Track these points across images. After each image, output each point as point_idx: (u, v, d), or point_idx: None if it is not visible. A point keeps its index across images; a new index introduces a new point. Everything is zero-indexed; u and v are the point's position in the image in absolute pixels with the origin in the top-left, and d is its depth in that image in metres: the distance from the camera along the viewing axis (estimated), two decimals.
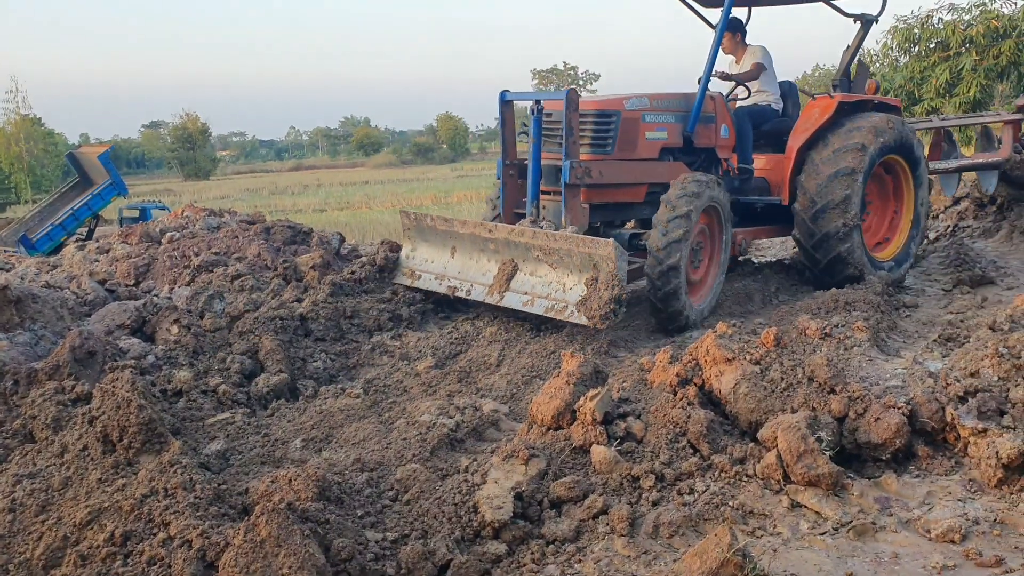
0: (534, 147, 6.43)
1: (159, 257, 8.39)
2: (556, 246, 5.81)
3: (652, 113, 6.78)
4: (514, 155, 6.91)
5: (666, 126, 6.85)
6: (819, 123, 7.22)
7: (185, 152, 73.22)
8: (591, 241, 5.64)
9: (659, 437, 3.72)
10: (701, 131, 7.03)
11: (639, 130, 6.67)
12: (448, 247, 6.76)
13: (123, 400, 3.72)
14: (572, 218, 6.25)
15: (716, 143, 7.19)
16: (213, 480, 3.57)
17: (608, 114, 6.57)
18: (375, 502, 3.55)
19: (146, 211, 23.02)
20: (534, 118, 6.42)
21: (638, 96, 6.79)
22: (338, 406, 4.79)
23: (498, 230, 6.26)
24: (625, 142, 6.61)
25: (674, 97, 7.01)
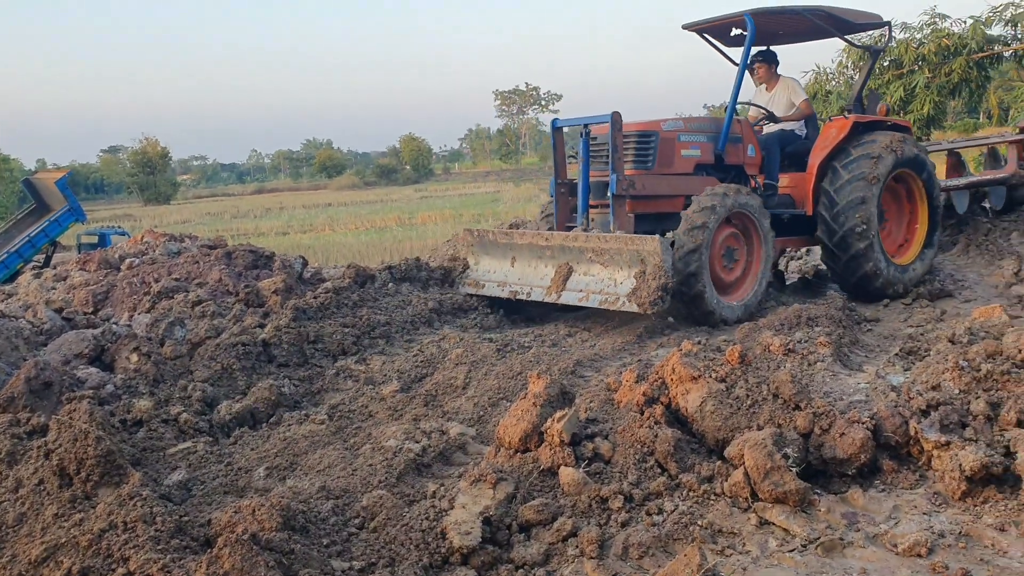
0: (583, 165, 7.34)
1: (118, 284, 8.25)
2: (607, 246, 6.71)
3: (686, 133, 7.64)
4: (564, 175, 7.88)
5: (699, 145, 7.70)
6: (837, 140, 7.93)
7: (145, 177, 72.50)
8: (638, 239, 6.50)
9: (627, 457, 3.70)
10: (730, 150, 7.84)
11: (675, 148, 7.53)
12: (508, 257, 7.67)
13: (80, 432, 3.63)
14: (619, 225, 7.05)
15: (744, 161, 8.00)
16: (175, 512, 3.48)
17: (648, 134, 7.45)
18: (341, 530, 3.49)
19: (105, 237, 22.70)
20: (582, 140, 7.36)
21: (673, 119, 7.75)
22: (302, 432, 4.72)
23: (553, 238, 7.20)
24: (664, 159, 7.48)
25: (704, 120, 8.05)
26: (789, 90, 8.58)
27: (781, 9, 7.85)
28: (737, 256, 7.28)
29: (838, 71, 20.56)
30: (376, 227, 33.24)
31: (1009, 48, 17.56)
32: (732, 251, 7.23)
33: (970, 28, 17.46)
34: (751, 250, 7.37)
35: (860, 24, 8.58)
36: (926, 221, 8.26)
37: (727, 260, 7.19)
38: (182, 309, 7.07)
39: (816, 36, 9.02)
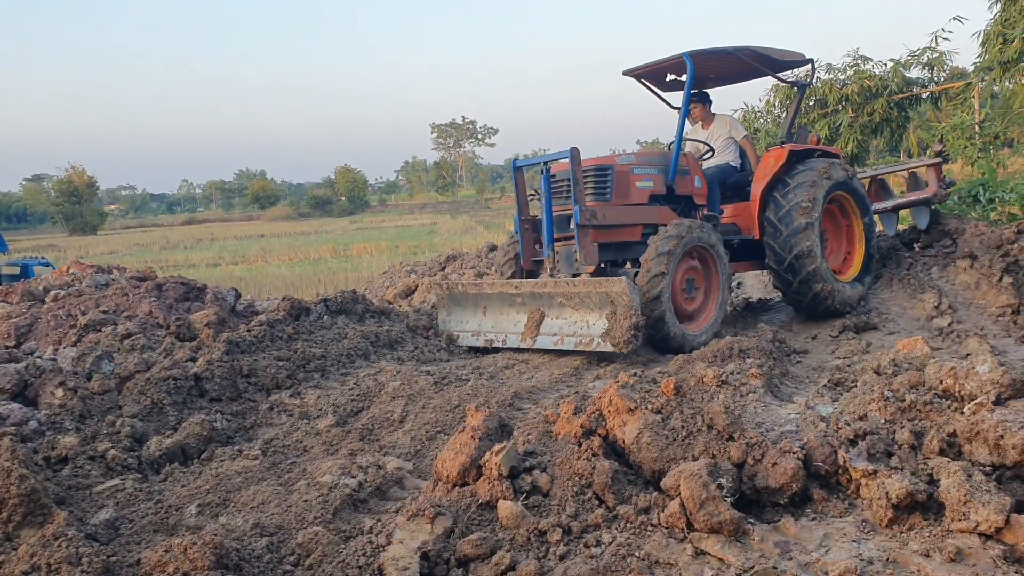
0: (546, 201, 7.60)
1: (43, 316, 8.01)
2: (576, 291, 6.99)
3: (639, 167, 8.11)
4: (527, 212, 8.27)
5: (651, 177, 8.18)
6: (775, 169, 8.48)
7: (70, 206, 70.64)
8: (606, 281, 6.77)
9: (565, 490, 3.72)
10: (680, 181, 8.33)
11: (630, 180, 8.00)
12: (480, 307, 7.93)
13: (2, 470, 3.51)
14: (585, 255, 7.40)
15: (692, 191, 8.49)
16: (102, 552, 3.37)
17: (604, 168, 7.91)
18: (276, 568, 3.43)
19: (28, 268, 22.00)
20: (543, 177, 7.65)
21: (626, 154, 8.23)
22: (235, 468, 4.63)
23: (523, 285, 7.47)
24: (620, 190, 7.91)
25: (654, 154, 8.47)
26: (727, 126, 9.16)
27: (715, 50, 8.28)
28: (697, 287, 7.70)
29: (766, 109, 21.21)
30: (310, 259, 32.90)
31: (926, 90, 18.33)
32: (692, 283, 7.65)
33: (891, 70, 18.19)
34: (710, 282, 7.79)
35: (786, 62, 9.06)
36: (863, 240, 8.91)
37: (688, 291, 7.60)
38: (110, 342, 6.89)
39: (747, 77, 9.54)
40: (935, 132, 19.38)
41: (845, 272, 8.86)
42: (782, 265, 8.17)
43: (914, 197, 10.19)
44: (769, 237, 8.28)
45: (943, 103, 18.63)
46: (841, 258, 9.02)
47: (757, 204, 8.54)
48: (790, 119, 9.65)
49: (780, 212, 8.19)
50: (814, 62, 9.38)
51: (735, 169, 9.15)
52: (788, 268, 8.14)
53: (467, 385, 5.97)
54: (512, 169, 8.43)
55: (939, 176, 10.08)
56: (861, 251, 8.92)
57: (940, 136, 16.92)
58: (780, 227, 8.15)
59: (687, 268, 7.55)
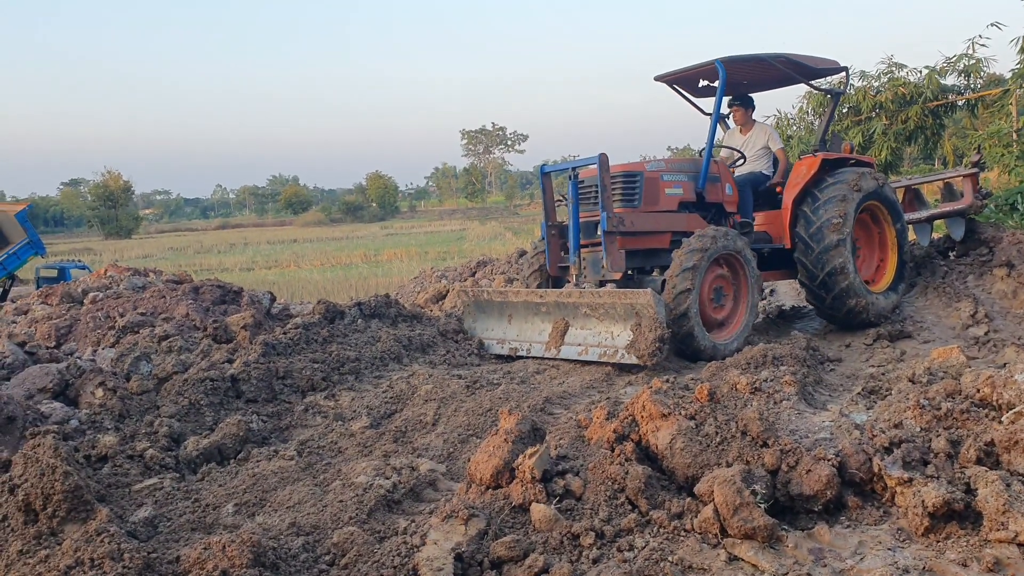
0: (573, 207, 7.55)
1: (82, 318, 8.16)
2: (601, 301, 6.89)
3: (668, 173, 8.02)
4: (554, 218, 8.21)
5: (681, 184, 8.07)
6: (808, 177, 8.40)
7: (106, 210, 71.65)
8: (631, 293, 6.67)
9: (598, 494, 3.73)
10: (710, 189, 8.22)
11: (659, 187, 7.90)
12: (505, 315, 7.89)
13: (47, 467, 3.59)
14: (612, 262, 7.33)
15: (723, 199, 8.37)
16: (142, 549, 3.44)
17: (633, 175, 7.81)
18: (312, 567, 3.47)
19: (65, 271, 22.35)
20: (571, 183, 7.55)
21: (656, 160, 8.17)
22: (271, 469, 4.69)
23: (548, 295, 7.37)
24: (649, 197, 7.82)
25: (684, 161, 8.43)
26: (766, 135, 9.05)
27: (748, 57, 8.23)
28: (725, 294, 7.59)
29: (798, 116, 21.08)
30: (342, 264, 33.15)
31: (962, 97, 18.12)
32: (720, 291, 7.54)
33: (926, 77, 18.00)
34: (739, 288, 7.67)
35: (820, 69, 8.96)
36: (895, 247, 8.81)
37: (716, 300, 7.50)
38: (148, 344, 7.01)
39: (780, 84, 9.46)
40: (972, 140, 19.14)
41: (879, 281, 8.75)
42: (815, 282, 8.10)
43: (949, 208, 10.05)
44: (800, 254, 8.19)
45: (980, 110, 18.38)
46: (874, 266, 8.92)
47: (788, 213, 8.46)
48: (824, 127, 9.59)
49: (811, 229, 8.10)
50: (848, 70, 9.28)
51: (767, 177, 9.07)
52: (821, 285, 8.06)
53: (498, 389, 6.00)
54: (540, 174, 8.44)
55: (975, 186, 9.92)
56: (894, 259, 8.82)
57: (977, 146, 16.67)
58: (812, 244, 8.07)
59: (715, 277, 7.47)
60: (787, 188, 8.57)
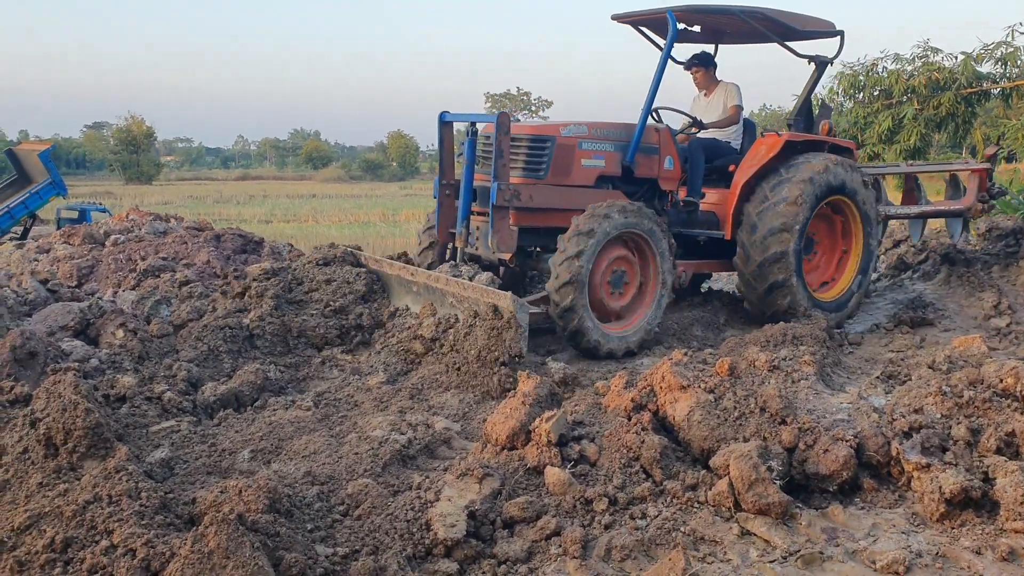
0: (466, 168, 6.60)
1: (103, 260, 8.20)
2: (466, 295, 5.81)
3: (590, 141, 6.88)
4: (451, 175, 7.08)
5: (604, 154, 6.96)
6: (764, 160, 7.32)
7: (128, 155, 71.74)
8: (494, 293, 5.59)
9: (613, 461, 3.74)
10: (642, 161, 7.13)
11: (574, 157, 6.78)
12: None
13: (69, 403, 3.62)
14: (500, 240, 6.41)
15: (659, 174, 7.28)
16: (159, 489, 3.47)
17: (543, 139, 6.68)
18: (326, 516, 3.50)
19: (86, 213, 22.45)
20: (468, 140, 6.60)
21: (576, 123, 6.90)
22: (287, 418, 4.72)
23: (418, 274, 6.36)
24: (559, 167, 6.73)
25: (615, 127, 7.10)
26: (732, 98, 7.87)
27: (712, 8, 7.16)
28: (627, 280, 6.63)
29: (828, 97, 20.81)
30: (360, 221, 33.14)
31: (997, 86, 17.83)
32: (622, 276, 6.58)
33: (961, 63, 17.70)
34: (647, 272, 6.71)
35: (807, 32, 7.77)
36: (859, 256, 7.71)
37: (614, 285, 6.54)
38: (168, 288, 7.04)
39: (753, 40, 8.27)
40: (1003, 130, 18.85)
41: (832, 287, 7.71)
42: (749, 267, 7.09)
43: (944, 207, 8.99)
44: (743, 232, 7.15)
45: (1014, 100, 18.08)
46: (831, 269, 7.84)
47: (735, 197, 7.30)
48: (802, 98, 8.23)
49: (760, 207, 7.08)
50: (843, 35, 7.92)
51: (731, 150, 7.84)
52: (756, 272, 7.06)
53: None
54: (439, 123, 7.07)
55: (983, 184, 8.78)
56: (854, 266, 7.72)
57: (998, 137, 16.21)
58: (757, 223, 7.04)
59: (614, 259, 6.46)
60: (741, 168, 7.46)
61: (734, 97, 7.83)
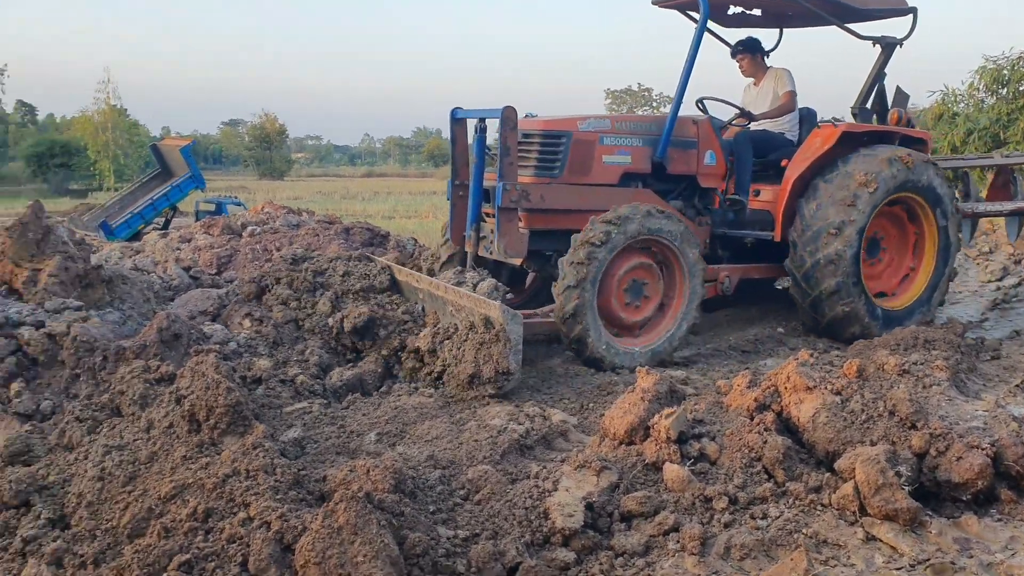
0: (476, 168, 6.21)
1: (241, 249, 8.64)
2: (463, 303, 5.36)
3: (613, 136, 6.39)
4: (465, 175, 6.61)
5: (630, 150, 6.44)
6: (818, 153, 6.77)
7: (261, 152, 74.82)
8: (485, 303, 5.16)
9: (733, 460, 3.70)
10: (677, 157, 6.60)
11: (594, 153, 6.30)
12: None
13: (212, 381, 3.84)
14: (507, 244, 5.96)
15: (698, 170, 6.75)
16: (292, 466, 3.64)
17: (557, 135, 6.25)
18: (447, 499, 3.59)
19: (222, 206, 23.59)
20: (476, 137, 6.20)
21: (598, 117, 6.47)
22: (411, 403, 4.87)
23: (422, 281, 5.93)
24: (577, 165, 6.25)
25: (643, 120, 6.74)
26: (783, 84, 7.28)
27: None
28: (648, 292, 6.11)
29: (968, 92, 19.78)
30: None
31: None
32: (640, 285, 6.06)
33: None
34: (671, 284, 6.18)
35: (870, 11, 7.04)
36: (932, 261, 7.06)
37: (631, 296, 6.04)
38: None
39: (807, 23, 7.58)
40: None
41: (902, 294, 7.08)
42: (801, 270, 6.54)
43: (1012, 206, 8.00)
44: (794, 231, 6.60)
45: None
46: (901, 274, 7.20)
47: (786, 194, 6.74)
48: (868, 84, 7.56)
49: (813, 203, 6.55)
50: (916, 12, 7.13)
51: (787, 142, 7.25)
52: (807, 277, 6.51)
53: None
54: (451, 120, 6.62)
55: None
56: (928, 269, 7.07)
57: None
58: (809, 222, 6.51)
59: (633, 267, 5.97)
60: (793, 162, 6.87)
61: (785, 83, 7.27)
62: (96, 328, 5.36)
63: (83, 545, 3.27)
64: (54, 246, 6.09)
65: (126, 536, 3.27)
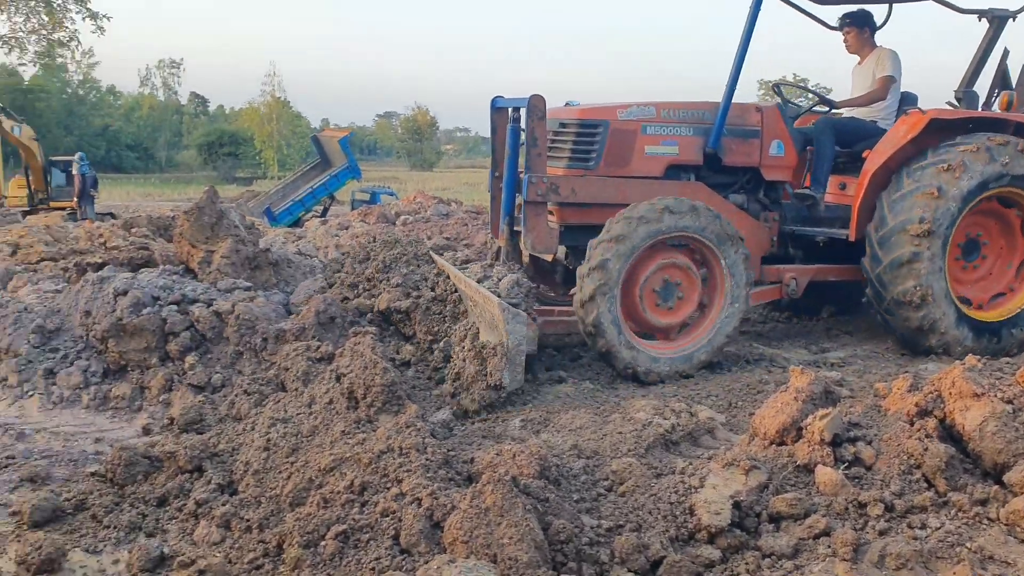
0: (509, 159, 5.90)
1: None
2: (478, 299, 5.10)
3: (657, 124, 5.97)
4: (504, 167, 6.19)
5: (677, 140, 6.02)
6: (901, 142, 6.03)
7: (413, 143, 76.98)
8: (489, 298, 4.90)
9: (891, 466, 3.55)
10: (735, 147, 6.12)
11: (635, 143, 5.91)
12: None
13: (370, 362, 4.02)
14: (535, 239, 5.69)
15: (762, 162, 6.22)
16: (442, 446, 3.76)
17: (593, 124, 5.90)
18: (590, 489, 3.62)
19: (376, 195, 24.47)
20: (510, 127, 5.88)
21: (641, 104, 6.00)
22: (555, 393, 4.93)
23: (453, 273, 5.65)
24: (614, 156, 5.87)
25: (697, 107, 6.13)
26: (883, 67, 6.53)
27: None
28: (680, 294, 5.62)
29: None
30: None
31: None
32: (674, 286, 5.61)
33: None
34: (712, 286, 5.69)
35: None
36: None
37: (663, 298, 5.59)
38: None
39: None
40: None
41: (1005, 303, 6.23)
42: (875, 271, 5.92)
43: None
44: (872, 228, 5.97)
45: None
46: (1005, 281, 6.34)
47: (863, 189, 6.09)
48: (973, 65, 6.79)
49: (894, 196, 5.87)
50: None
51: (878, 131, 6.45)
52: (880, 279, 5.88)
53: None
54: (491, 110, 6.27)
55: None
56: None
57: None
58: (887, 216, 5.86)
59: (665, 265, 5.55)
60: (871, 155, 6.18)
61: (885, 66, 6.53)
62: (259, 308, 5.68)
63: (249, 510, 3.50)
64: (227, 229, 6.50)
65: (288, 504, 3.48)
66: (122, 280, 5.82)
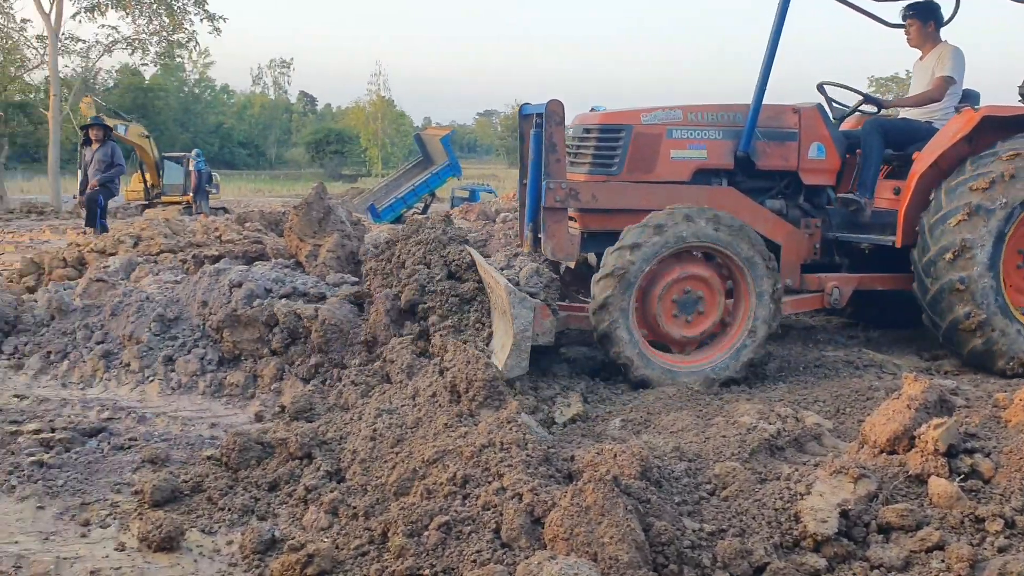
0: (532, 164, 5.75)
1: (495, 234, 9.03)
2: (494, 286, 5.01)
3: (684, 128, 5.81)
4: None
5: (706, 143, 5.83)
6: (951, 143, 5.71)
7: (512, 141, 77.39)
8: (497, 280, 4.84)
9: (1011, 480, 3.39)
10: (769, 150, 5.91)
11: (659, 148, 5.76)
12: None
13: (472, 356, 4.07)
14: (554, 245, 5.54)
15: (800, 166, 5.99)
16: (543, 442, 3.79)
17: (615, 129, 5.79)
18: (692, 492, 3.58)
19: (475, 193, 24.75)
20: (533, 133, 5.72)
21: (667, 108, 5.85)
22: (656, 394, 4.89)
23: (476, 259, 5.56)
24: (638, 161, 5.74)
25: (726, 109, 5.93)
26: (943, 66, 6.19)
27: None
28: (702, 309, 5.41)
29: None
30: None
31: None
32: (696, 299, 5.39)
33: None
34: (738, 296, 5.45)
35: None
36: None
37: (683, 309, 5.38)
38: None
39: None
40: None
41: None
42: (926, 295, 5.62)
43: None
44: (918, 247, 5.68)
45: None
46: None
47: (910, 191, 5.77)
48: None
49: (926, 251, 5.57)
50: None
51: (930, 133, 6.05)
52: (932, 302, 5.56)
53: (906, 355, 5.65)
54: (519, 117, 6.28)
55: None
56: None
57: None
58: (931, 220, 5.58)
59: (687, 276, 5.33)
60: (919, 157, 5.83)
61: (946, 65, 6.18)
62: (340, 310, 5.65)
63: (355, 498, 3.60)
64: (333, 225, 6.69)
65: (392, 493, 3.55)
66: (237, 272, 6.06)
